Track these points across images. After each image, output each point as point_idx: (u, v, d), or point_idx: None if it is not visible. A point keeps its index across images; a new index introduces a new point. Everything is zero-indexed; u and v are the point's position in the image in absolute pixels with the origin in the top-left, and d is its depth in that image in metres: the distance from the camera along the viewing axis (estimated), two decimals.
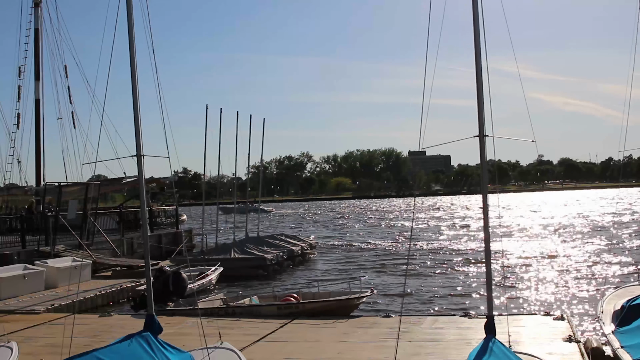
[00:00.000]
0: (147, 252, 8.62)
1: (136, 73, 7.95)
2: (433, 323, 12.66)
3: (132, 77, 7.91)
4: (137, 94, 7.98)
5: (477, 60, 7.30)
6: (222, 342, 8.25)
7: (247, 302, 15.57)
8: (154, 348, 7.01)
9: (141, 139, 7.95)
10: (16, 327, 13.47)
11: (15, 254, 22.50)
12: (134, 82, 7.93)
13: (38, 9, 35.98)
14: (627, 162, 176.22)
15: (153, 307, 8.01)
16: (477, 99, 7.30)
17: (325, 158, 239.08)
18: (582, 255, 28.53)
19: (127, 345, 6.95)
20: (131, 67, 7.92)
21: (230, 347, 8.27)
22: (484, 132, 7.28)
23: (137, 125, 7.95)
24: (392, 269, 26.68)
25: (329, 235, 47.94)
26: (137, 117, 7.95)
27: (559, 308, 16.37)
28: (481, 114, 7.29)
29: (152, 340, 7.17)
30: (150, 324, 7.58)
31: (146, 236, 8.55)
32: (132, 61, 7.92)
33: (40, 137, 36.01)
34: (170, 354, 7.14)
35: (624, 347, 8.49)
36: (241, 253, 27.09)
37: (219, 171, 33.28)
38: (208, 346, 7.90)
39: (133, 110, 7.95)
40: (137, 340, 7.05)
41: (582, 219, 54.36)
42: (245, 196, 38.93)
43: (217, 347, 8.07)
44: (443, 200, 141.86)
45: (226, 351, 8.05)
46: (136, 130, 7.95)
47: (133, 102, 7.96)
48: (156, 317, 7.74)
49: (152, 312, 7.83)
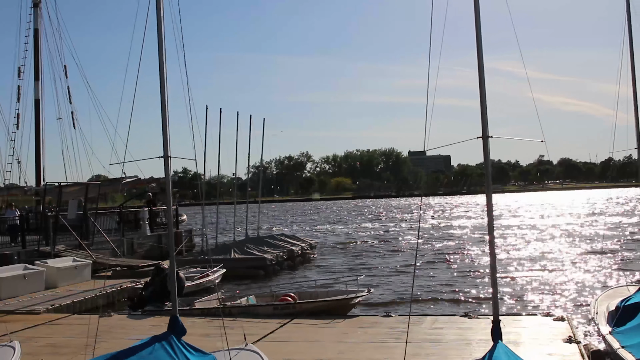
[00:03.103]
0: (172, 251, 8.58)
1: (165, 76, 7.94)
2: (433, 323, 12.65)
3: (161, 79, 7.89)
4: (166, 96, 7.97)
5: (480, 61, 7.27)
6: (247, 344, 8.13)
7: (244, 302, 15.55)
8: (176, 351, 6.93)
9: (169, 141, 7.95)
10: (16, 327, 13.45)
11: (15, 254, 22.51)
12: (163, 85, 7.93)
13: (37, 9, 36.02)
14: (627, 162, 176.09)
15: (177, 309, 7.92)
16: (480, 100, 7.26)
17: (325, 158, 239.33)
18: (582, 255, 28.52)
19: (151, 348, 6.87)
20: (160, 69, 7.92)
21: (255, 349, 8.14)
22: (487, 133, 7.24)
23: (164, 127, 7.95)
24: (393, 268, 26.66)
25: (329, 236, 47.93)
26: (165, 119, 7.95)
27: (559, 309, 16.36)
28: (484, 114, 7.25)
29: (175, 342, 7.08)
30: (174, 326, 7.48)
31: (171, 234, 8.60)
32: (161, 64, 7.92)
33: (40, 137, 36.08)
34: (193, 357, 7.04)
35: (624, 347, 8.49)
36: (241, 253, 27.08)
37: (219, 171, 33.31)
38: (232, 348, 7.78)
39: (161, 112, 7.98)
40: (161, 343, 6.97)
41: (583, 219, 54.37)
42: (245, 196, 38.88)
43: (242, 349, 7.94)
44: (444, 200, 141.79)
45: (251, 353, 7.91)
46: (164, 132, 7.94)
47: (161, 104, 7.97)
48: (180, 318, 7.64)
49: (176, 313, 7.73)
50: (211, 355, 7.35)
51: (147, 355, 6.73)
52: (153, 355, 6.76)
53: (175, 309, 7.84)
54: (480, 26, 7.25)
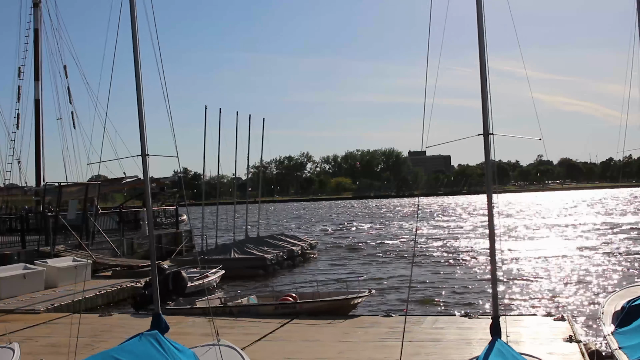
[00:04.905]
0: (152, 251, 8.60)
1: (140, 73, 7.90)
2: (433, 323, 12.65)
3: (137, 77, 7.86)
4: (141, 93, 7.93)
5: (482, 58, 7.25)
6: (219, 340, 8.31)
7: (245, 302, 15.57)
8: (163, 346, 7.12)
9: (146, 138, 7.92)
10: (16, 326, 13.47)
11: (15, 254, 22.50)
12: (138, 82, 7.89)
13: (37, 9, 36.01)
14: (627, 162, 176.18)
15: (159, 307, 8.04)
16: (482, 97, 7.24)
17: (325, 158, 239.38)
18: (583, 255, 28.51)
19: (139, 344, 7.04)
20: (135, 67, 7.88)
21: (229, 344, 8.38)
22: (489, 130, 7.22)
23: (141, 124, 7.92)
24: (394, 268, 26.67)
25: (330, 235, 47.94)
26: (141, 117, 7.92)
27: (559, 308, 16.36)
28: (486, 112, 7.23)
29: (161, 338, 7.26)
30: (158, 323, 7.69)
31: (152, 234, 8.57)
32: (136, 61, 7.88)
33: (40, 137, 36.06)
34: (176, 351, 7.24)
35: (621, 348, 8.47)
36: (241, 253, 27.09)
37: (219, 171, 33.32)
38: (207, 344, 8.05)
39: (138, 109, 7.92)
40: (147, 339, 7.15)
41: (584, 220, 54.36)
42: (245, 196, 38.89)
43: (216, 344, 8.16)
44: (445, 200, 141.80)
45: (226, 348, 8.13)
46: (140, 129, 7.91)
47: (137, 101, 7.93)
48: (162, 316, 7.81)
49: (158, 311, 7.89)
50: (190, 351, 7.56)
51: (136, 350, 6.92)
52: (142, 351, 6.94)
53: (158, 307, 7.99)
54: (483, 25, 7.20)
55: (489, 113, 7.26)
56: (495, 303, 7.43)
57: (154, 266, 8.41)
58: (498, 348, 6.64)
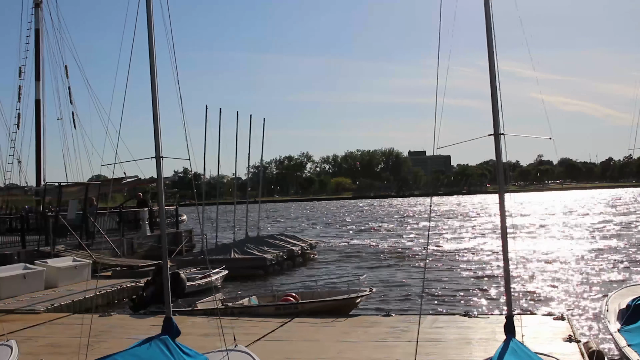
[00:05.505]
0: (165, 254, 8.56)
1: (156, 75, 7.85)
2: (433, 322, 12.63)
3: (152, 79, 7.79)
4: (157, 96, 7.88)
5: (491, 58, 7.23)
6: (236, 345, 8.13)
7: (245, 303, 15.53)
8: (172, 352, 6.94)
9: (160, 141, 7.89)
10: (16, 326, 13.45)
11: (15, 254, 22.49)
12: (153, 84, 7.85)
13: (39, 9, 36.00)
14: (627, 162, 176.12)
15: (171, 310, 7.90)
16: (492, 98, 7.22)
17: (325, 158, 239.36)
18: (583, 255, 28.50)
19: (147, 349, 6.87)
20: (151, 69, 7.83)
21: (246, 350, 8.15)
22: (499, 130, 7.20)
23: (156, 128, 7.87)
24: (394, 268, 26.67)
25: (330, 235, 47.92)
26: (156, 120, 7.87)
27: (559, 308, 16.35)
28: (496, 112, 7.21)
29: (171, 343, 7.08)
30: (168, 327, 7.47)
31: (164, 235, 8.55)
32: (152, 63, 7.82)
33: (41, 137, 36.09)
34: (187, 357, 7.05)
35: (630, 346, 8.50)
36: (241, 253, 27.07)
37: (219, 171, 33.28)
38: (223, 349, 7.76)
39: (152, 112, 7.87)
40: (157, 344, 6.97)
41: (585, 219, 54.35)
42: (245, 196, 38.86)
43: (232, 349, 7.93)
44: (445, 200, 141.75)
45: (242, 354, 7.91)
46: (155, 132, 7.86)
47: (152, 104, 7.88)
48: (174, 320, 7.62)
49: (170, 314, 7.71)
50: (204, 356, 7.36)
51: (143, 355, 6.74)
52: (149, 356, 6.75)
53: (170, 310, 7.82)
54: (492, 25, 7.17)
55: (500, 113, 7.25)
56: (509, 301, 7.41)
57: (165, 268, 8.28)
58: (513, 347, 6.57)
